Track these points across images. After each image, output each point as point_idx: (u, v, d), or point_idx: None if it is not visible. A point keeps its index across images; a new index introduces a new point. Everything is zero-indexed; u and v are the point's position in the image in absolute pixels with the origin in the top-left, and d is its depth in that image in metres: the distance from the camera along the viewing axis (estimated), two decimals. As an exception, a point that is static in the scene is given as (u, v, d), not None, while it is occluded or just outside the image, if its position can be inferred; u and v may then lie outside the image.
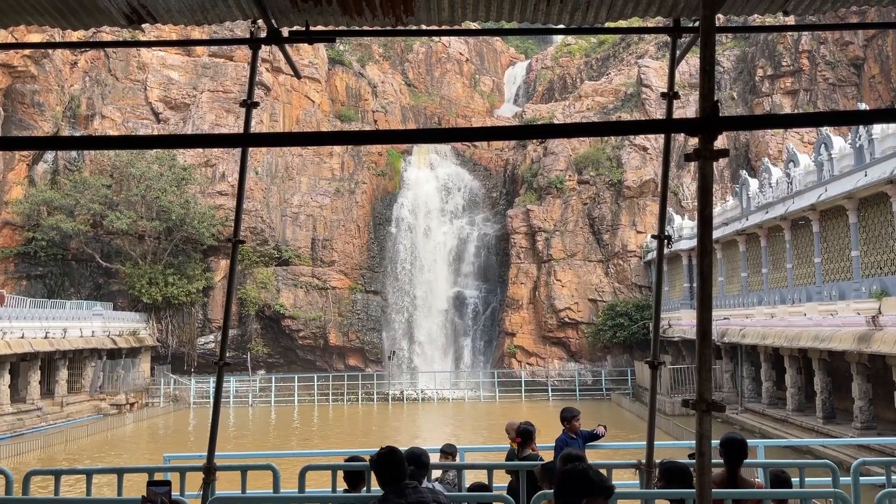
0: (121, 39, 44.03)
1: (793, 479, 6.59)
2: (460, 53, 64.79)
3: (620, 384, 42.68)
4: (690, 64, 45.27)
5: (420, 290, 49.43)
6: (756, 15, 5.14)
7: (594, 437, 8.59)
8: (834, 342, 21.80)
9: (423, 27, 5.01)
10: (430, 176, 53.74)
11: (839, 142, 24.83)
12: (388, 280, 49.89)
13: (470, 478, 7.45)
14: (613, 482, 6.70)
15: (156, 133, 45.57)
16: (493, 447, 9.39)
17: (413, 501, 4.26)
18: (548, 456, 8.22)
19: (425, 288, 49.46)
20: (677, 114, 35.90)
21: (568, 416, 8.43)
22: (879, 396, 22.57)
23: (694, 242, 34.76)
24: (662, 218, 6.35)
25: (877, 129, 21.96)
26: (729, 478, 5.08)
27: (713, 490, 3.56)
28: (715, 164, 3.25)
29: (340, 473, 6.29)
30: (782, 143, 40.40)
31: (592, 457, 6.92)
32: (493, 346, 48.28)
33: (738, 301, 32.58)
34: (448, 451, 7.82)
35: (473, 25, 37.10)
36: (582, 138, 47.29)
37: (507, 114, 63.89)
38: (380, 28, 4.98)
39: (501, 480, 7.86)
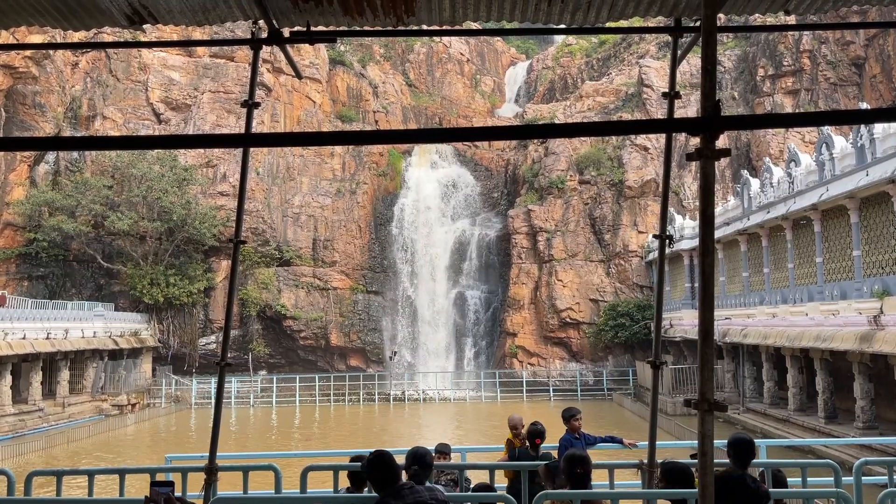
0: (122, 40, 44.06)
1: (795, 479, 6.59)
2: (461, 54, 64.80)
3: (622, 384, 42.67)
4: (691, 64, 45.25)
5: (421, 290, 49.44)
6: (757, 14, 5.14)
7: (604, 441, 8.59)
8: (836, 342, 21.78)
9: (424, 27, 5.01)
10: (431, 176, 53.75)
11: (840, 141, 24.80)
12: (389, 280, 49.90)
13: (473, 479, 7.44)
14: (615, 482, 6.73)
15: (157, 134, 45.58)
16: (495, 447, 9.38)
17: (410, 502, 4.26)
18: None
19: (426, 288, 49.47)
20: (678, 114, 35.91)
21: (566, 416, 8.45)
22: (881, 396, 22.56)
23: (695, 242, 34.75)
24: (664, 218, 6.34)
25: (878, 128, 21.94)
26: None
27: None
28: (716, 163, 3.25)
29: (342, 474, 6.29)
30: (783, 142, 40.38)
31: (594, 457, 6.91)
32: (495, 346, 48.27)
33: (740, 301, 32.56)
34: (442, 451, 7.79)
35: (474, 26, 37.13)
36: (583, 138, 47.30)
37: (508, 114, 63.89)
38: (381, 28, 4.98)
39: (501, 480, 7.85)
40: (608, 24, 5.11)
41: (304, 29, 4.92)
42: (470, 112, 60.88)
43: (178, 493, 4.90)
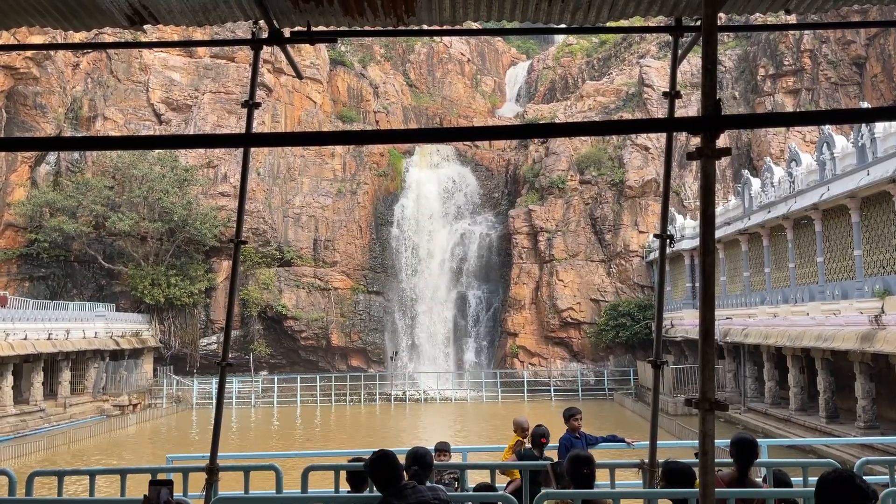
0: (122, 41, 44.11)
1: (797, 479, 6.58)
2: (462, 54, 64.80)
3: (623, 384, 42.65)
4: (692, 63, 45.24)
5: (422, 290, 49.44)
6: (758, 14, 5.14)
7: (604, 441, 8.58)
8: (837, 341, 21.77)
9: (425, 27, 5.01)
10: (431, 176, 53.75)
11: (841, 141, 24.79)
12: (389, 280, 49.91)
13: (475, 478, 7.44)
14: (616, 482, 6.73)
15: (158, 134, 45.57)
16: (496, 447, 9.38)
17: (413, 502, 4.26)
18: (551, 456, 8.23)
19: (427, 288, 49.47)
20: (679, 114, 35.88)
21: (566, 416, 8.46)
22: (882, 396, 22.55)
23: (696, 242, 34.73)
24: (665, 217, 6.34)
25: (879, 127, 21.93)
26: (739, 477, 5.09)
27: (716, 490, 3.55)
28: (717, 163, 3.25)
29: (343, 474, 6.29)
30: (784, 142, 40.36)
31: (595, 456, 6.91)
32: (496, 346, 48.27)
33: (741, 301, 32.54)
34: (442, 449, 7.78)
35: (475, 25, 37.13)
36: (583, 138, 47.31)
37: (508, 114, 63.87)
38: (381, 28, 4.98)
39: (501, 481, 7.85)
40: (609, 24, 5.11)
41: (305, 29, 4.92)
42: (470, 112, 60.88)
43: (179, 494, 4.90)
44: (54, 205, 43.29)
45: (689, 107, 43.28)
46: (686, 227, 39.68)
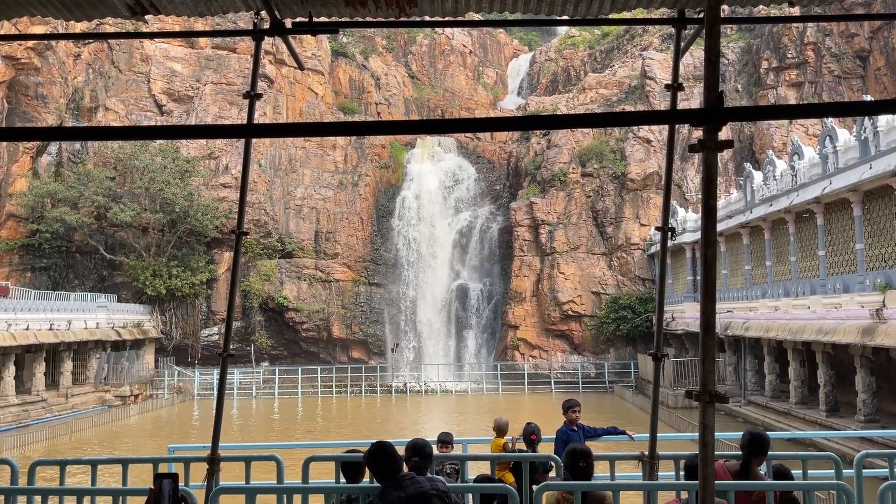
0: (124, 31, 44.05)
1: (796, 472, 6.61)
2: (463, 45, 64.60)
3: (623, 377, 42.70)
4: (695, 56, 45.09)
5: (423, 282, 49.47)
6: (761, 6, 5.12)
7: (604, 433, 8.59)
8: (838, 335, 21.78)
9: (427, 18, 5.00)
10: (433, 168, 53.69)
11: (844, 134, 24.72)
12: (391, 272, 49.93)
13: (473, 470, 7.47)
14: (616, 474, 6.75)
15: (159, 125, 45.51)
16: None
17: (412, 493, 4.26)
18: (547, 448, 8.27)
19: (428, 280, 49.48)
20: (681, 106, 35.71)
21: (564, 407, 8.48)
22: (883, 389, 22.58)
23: (698, 235, 34.70)
24: (666, 210, 6.33)
25: (882, 121, 21.88)
26: (741, 470, 5.21)
27: (717, 482, 3.57)
28: (719, 156, 3.25)
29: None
30: (787, 135, 40.26)
31: (595, 448, 6.92)
32: (496, 338, 48.32)
33: (742, 294, 32.54)
34: (445, 440, 7.79)
35: (477, 17, 36.99)
36: (585, 131, 47.21)
37: (510, 106, 63.70)
38: (383, 19, 4.97)
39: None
40: (611, 16, 5.09)
41: (307, 20, 4.91)
42: (472, 104, 60.76)
43: (181, 484, 4.92)
44: (56, 195, 43.31)
45: (692, 99, 43.18)
46: (688, 219, 39.65)
